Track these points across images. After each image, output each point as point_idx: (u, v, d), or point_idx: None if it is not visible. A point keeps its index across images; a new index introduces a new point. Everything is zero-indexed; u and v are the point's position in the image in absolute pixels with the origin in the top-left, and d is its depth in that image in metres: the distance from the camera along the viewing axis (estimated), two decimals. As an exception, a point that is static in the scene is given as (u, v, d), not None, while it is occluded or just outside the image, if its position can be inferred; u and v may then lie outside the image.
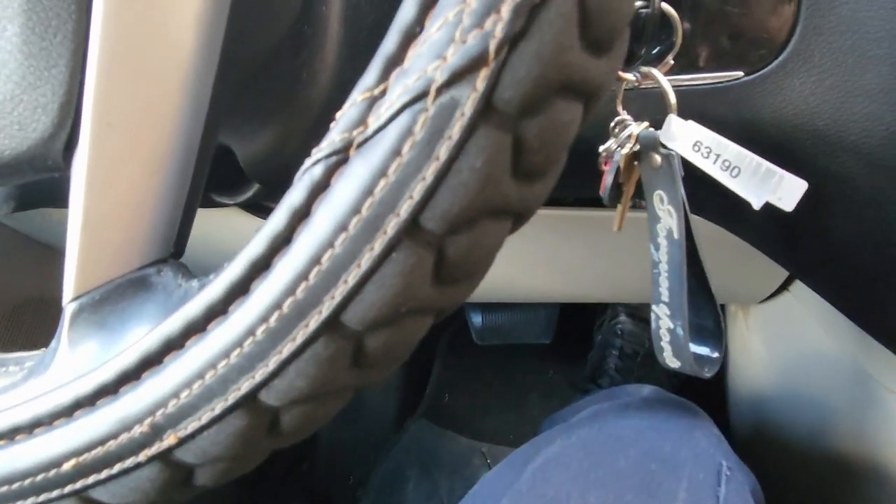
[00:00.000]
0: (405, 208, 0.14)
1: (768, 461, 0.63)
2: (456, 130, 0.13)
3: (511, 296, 0.60)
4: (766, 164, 0.25)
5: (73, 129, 0.17)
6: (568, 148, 0.15)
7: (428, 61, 0.13)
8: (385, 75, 0.14)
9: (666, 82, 0.27)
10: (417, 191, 0.14)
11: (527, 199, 0.15)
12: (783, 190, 0.25)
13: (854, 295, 0.35)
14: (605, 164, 0.28)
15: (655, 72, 0.27)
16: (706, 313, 0.34)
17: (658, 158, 0.28)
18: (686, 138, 0.27)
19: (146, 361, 0.16)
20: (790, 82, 0.29)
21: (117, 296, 0.18)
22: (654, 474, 0.33)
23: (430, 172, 0.14)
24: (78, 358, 0.17)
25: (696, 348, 0.33)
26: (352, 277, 0.14)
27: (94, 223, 0.17)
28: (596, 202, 0.45)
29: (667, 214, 0.29)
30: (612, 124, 0.28)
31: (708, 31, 0.29)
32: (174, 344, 0.16)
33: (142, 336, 0.16)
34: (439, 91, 0.13)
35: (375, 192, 0.14)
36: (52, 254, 0.57)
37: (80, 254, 0.17)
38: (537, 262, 0.53)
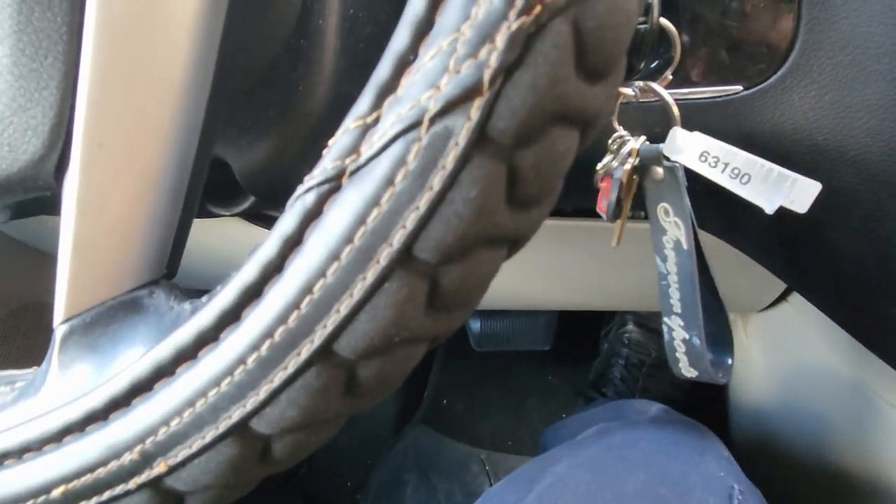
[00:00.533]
0: (398, 238, 0.14)
1: (768, 472, 0.63)
2: (450, 160, 0.13)
3: (510, 304, 0.60)
4: (777, 168, 0.25)
5: (63, 150, 0.17)
6: (564, 176, 0.15)
7: (422, 90, 0.13)
8: (378, 103, 0.14)
9: (668, 96, 0.27)
10: (410, 220, 0.14)
11: (522, 228, 0.15)
12: (797, 193, 0.25)
13: (853, 310, 0.35)
14: (603, 181, 0.28)
15: (657, 86, 0.27)
16: (717, 319, 0.34)
17: (661, 171, 0.27)
18: (692, 149, 0.26)
19: (136, 388, 0.16)
20: (789, 97, 0.28)
21: (108, 318, 0.18)
22: (664, 499, 0.32)
23: (423, 202, 0.13)
24: (68, 381, 0.17)
25: (710, 355, 0.33)
26: (344, 307, 0.14)
27: (84, 245, 0.17)
28: (593, 212, 0.44)
29: (673, 226, 0.29)
30: (610, 141, 0.28)
31: (707, 45, 0.28)
32: (165, 371, 0.16)
33: (133, 359, 0.16)
34: (433, 120, 0.13)
35: (368, 221, 0.14)
36: (49, 259, 0.56)
37: (70, 276, 0.17)
38: (536, 271, 0.53)
